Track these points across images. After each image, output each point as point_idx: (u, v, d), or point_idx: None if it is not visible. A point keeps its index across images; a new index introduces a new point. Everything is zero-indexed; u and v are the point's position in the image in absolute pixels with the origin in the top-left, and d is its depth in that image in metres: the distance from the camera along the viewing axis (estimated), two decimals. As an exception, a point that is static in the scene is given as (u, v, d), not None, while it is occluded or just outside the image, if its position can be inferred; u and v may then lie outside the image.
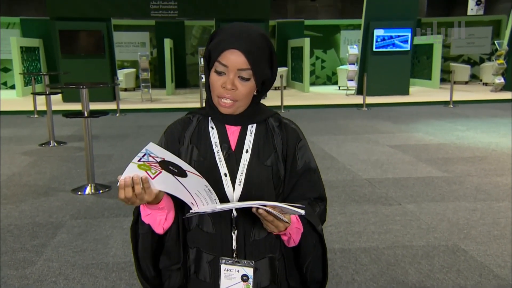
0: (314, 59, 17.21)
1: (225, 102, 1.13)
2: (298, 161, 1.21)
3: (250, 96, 1.14)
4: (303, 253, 1.20)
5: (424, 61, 15.57)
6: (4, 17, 15.96)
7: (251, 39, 1.09)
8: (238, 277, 1.14)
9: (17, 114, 10.18)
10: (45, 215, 3.93)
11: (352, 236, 3.43)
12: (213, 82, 1.13)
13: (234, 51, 1.08)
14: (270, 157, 1.18)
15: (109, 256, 3.13)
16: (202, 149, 1.18)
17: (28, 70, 13.81)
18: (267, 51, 1.12)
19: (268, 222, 1.06)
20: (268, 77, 1.15)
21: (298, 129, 1.25)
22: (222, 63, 1.10)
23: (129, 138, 7.54)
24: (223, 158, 1.16)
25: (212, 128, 1.20)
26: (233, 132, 1.19)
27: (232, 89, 1.10)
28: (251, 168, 1.15)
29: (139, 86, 13.41)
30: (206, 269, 1.17)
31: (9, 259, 3.08)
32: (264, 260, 1.18)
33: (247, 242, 1.16)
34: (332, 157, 5.95)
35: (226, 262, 1.14)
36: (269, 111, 1.23)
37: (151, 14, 12.19)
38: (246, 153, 1.17)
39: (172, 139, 1.21)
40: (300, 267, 1.23)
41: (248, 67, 1.09)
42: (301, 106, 11.26)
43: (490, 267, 2.92)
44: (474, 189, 4.56)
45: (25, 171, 5.41)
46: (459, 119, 9.09)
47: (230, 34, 1.10)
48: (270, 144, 1.19)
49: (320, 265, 1.24)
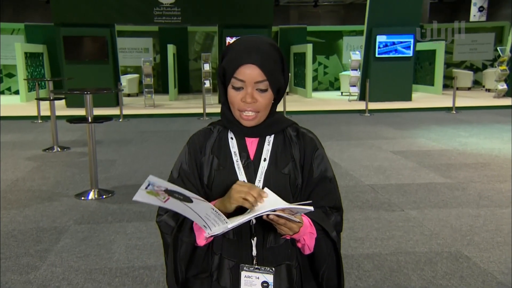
0: (317, 65, 17.25)
1: (248, 115, 1.16)
2: (315, 170, 1.23)
3: (269, 106, 1.19)
4: (317, 260, 1.22)
5: (426, 67, 15.58)
6: (9, 23, 16.09)
7: (263, 51, 1.13)
8: (258, 284, 1.15)
9: (21, 120, 10.23)
10: (48, 220, 3.94)
11: (355, 242, 3.43)
12: (232, 98, 1.17)
13: (249, 65, 1.12)
14: (287, 166, 1.21)
15: (112, 261, 3.14)
16: (222, 158, 1.22)
17: (32, 75, 13.90)
18: (278, 60, 1.16)
19: (281, 225, 1.07)
20: (282, 84, 1.19)
21: (315, 138, 1.28)
22: (239, 79, 1.14)
23: (132, 143, 7.56)
24: (242, 167, 1.19)
25: (231, 138, 1.24)
26: (251, 142, 1.23)
27: (252, 102, 1.14)
28: (269, 175, 1.19)
29: (142, 92, 13.47)
30: (228, 275, 1.19)
31: (13, 264, 3.10)
32: (282, 267, 1.20)
33: (264, 249, 1.19)
34: (335, 162, 5.95)
35: (247, 269, 1.16)
36: (287, 121, 1.27)
37: (154, 20, 12.26)
38: (264, 161, 1.20)
39: (194, 150, 1.25)
40: (316, 275, 1.25)
41: (264, 78, 1.13)
42: (303, 112, 11.28)
43: (493, 274, 2.92)
44: (477, 195, 4.55)
45: (29, 176, 5.43)
46: (462, 125, 9.09)
47: (242, 49, 1.14)
48: (287, 153, 1.22)
49: (335, 273, 1.24)
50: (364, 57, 13.02)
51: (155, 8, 12.00)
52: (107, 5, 11.71)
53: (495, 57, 16.36)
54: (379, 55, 12.74)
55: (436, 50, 14.63)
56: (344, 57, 17.13)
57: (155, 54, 16.67)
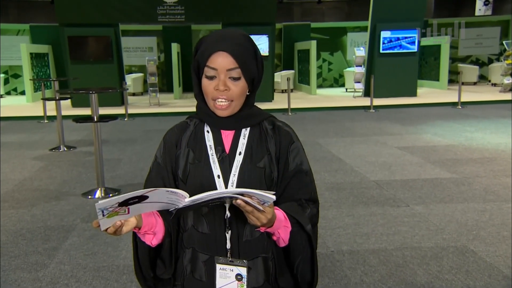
0: (321, 62, 17.21)
1: (221, 104, 1.16)
2: (290, 163, 1.23)
3: (243, 96, 1.18)
4: (292, 252, 1.22)
5: (431, 62, 15.50)
6: (14, 24, 16.20)
7: (234, 39, 1.14)
8: (232, 276, 1.17)
9: (27, 120, 10.31)
10: (56, 219, 3.98)
11: (360, 238, 3.44)
12: (205, 87, 1.17)
13: (221, 53, 1.13)
14: (263, 159, 1.20)
15: (119, 258, 3.17)
16: (198, 152, 1.22)
17: (37, 76, 13.99)
18: (251, 49, 1.17)
19: (249, 214, 1.07)
20: (256, 75, 1.19)
21: (292, 131, 1.28)
22: (211, 67, 1.14)
23: (137, 142, 7.60)
24: (217, 161, 1.20)
25: (207, 132, 1.24)
26: (227, 135, 1.23)
27: (225, 90, 1.14)
28: (243, 169, 1.18)
29: (147, 91, 13.51)
30: (202, 268, 1.21)
31: (22, 262, 3.14)
32: (258, 259, 1.21)
33: (240, 242, 1.19)
34: (340, 159, 5.95)
35: (221, 262, 1.17)
36: (263, 114, 1.26)
37: (158, 19, 12.29)
38: (239, 155, 1.20)
39: (170, 144, 1.26)
40: (291, 268, 1.25)
41: (236, 66, 1.14)
42: (308, 108, 11.27)
43: (499, 268, 2.92)
44: (483, 190, 4.54)
45: (36, 176, 5.48)
46: (468, 120, 9.05)
47: (213, 39, 1.15)
48: (263, 147, 1.22)
49: (309, 266, 1.25)
50: (369, 53, 12.98)
51: (159, 7, 12.02)
52: (111, 5, 11.75)
53: (501, 51, 16.24)
54: (383, 51, 12.70)
55: (441, 45, 14.55)
56: (349, 53, 17.09)
57: (159, 53, 16.70)
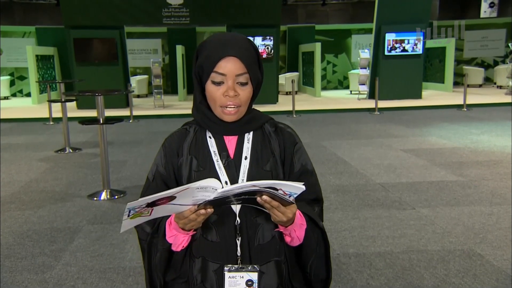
0: (326, 64, 17.20)
1: (230, 110, 1.14)
2: (296, 164, 1.24)
3: (249, 100, 1.17)
4: (306, 251, 1.21)
5: (436, 64, 15.45)
6: (20, 27, 16.30)
7: (239, 44, 1.13)
8: (242, 283, 1.15)
9: (33, 121, 10.36)
10: (62, 221, 4.00)
11: (366, 241, 3.43)
12: (212, 93, 1.14)
13: (230, 58, 1.11)
14: (269, 162, 1.20)
15: (125, 260, 3.17)
16: (201, 159, 1.19)
17: (43, 78, 14.06)
18: (254, 53, 1.16)
19: (275, 209, 1.05)
20: (259, 78, 1.19)
21: (294, 133, 1.28)
22: (220, 73, 1.12)
23: (142, 144, 7.62)
24: (222, 167, 1.18)
25: (210, 137, 1.22)
26: (230, 140, 1.21)
27: (235, 95, 1.13)
28: (251, 174, 1.17)
29: (151, 93, 13.55)
30: (213, 277, 1.18)
31: (29, 264, 3.15)
32: (270, 263, 1.19)
33: (251, 247, 1.17)
34: (345, 161, 5.94)
35: (230, 270, 1.15)
36: (264, 117, 1.25)
37: (163, 21, 12.33)
38: (245, 159, 1.19)
39: (171, 152, 1.24)
40: (304, 267, 1.24)
41: (245, 71, 1.12)
42: (312, 110, 11.26)
43: (507, 272, 2.90)
44: (490, 193, 4.52)
45: (42, 177, 5.50)
46: (473, 123, 9.00)
47: (219, 44, 1.12)
48: (268, 149, 1.21)
49: (324, 263, 1.24)
50: (373, 55, 12.97)
51: (164, 9, 12.06)
52: (116, 7, 11.80)
53: (506, 53, 16.16)
54: (388, 53, 12.67)
55: (446, 48, 14.50)
56: (353, 55, 17.07)
57: (164, 55, 16.75)
